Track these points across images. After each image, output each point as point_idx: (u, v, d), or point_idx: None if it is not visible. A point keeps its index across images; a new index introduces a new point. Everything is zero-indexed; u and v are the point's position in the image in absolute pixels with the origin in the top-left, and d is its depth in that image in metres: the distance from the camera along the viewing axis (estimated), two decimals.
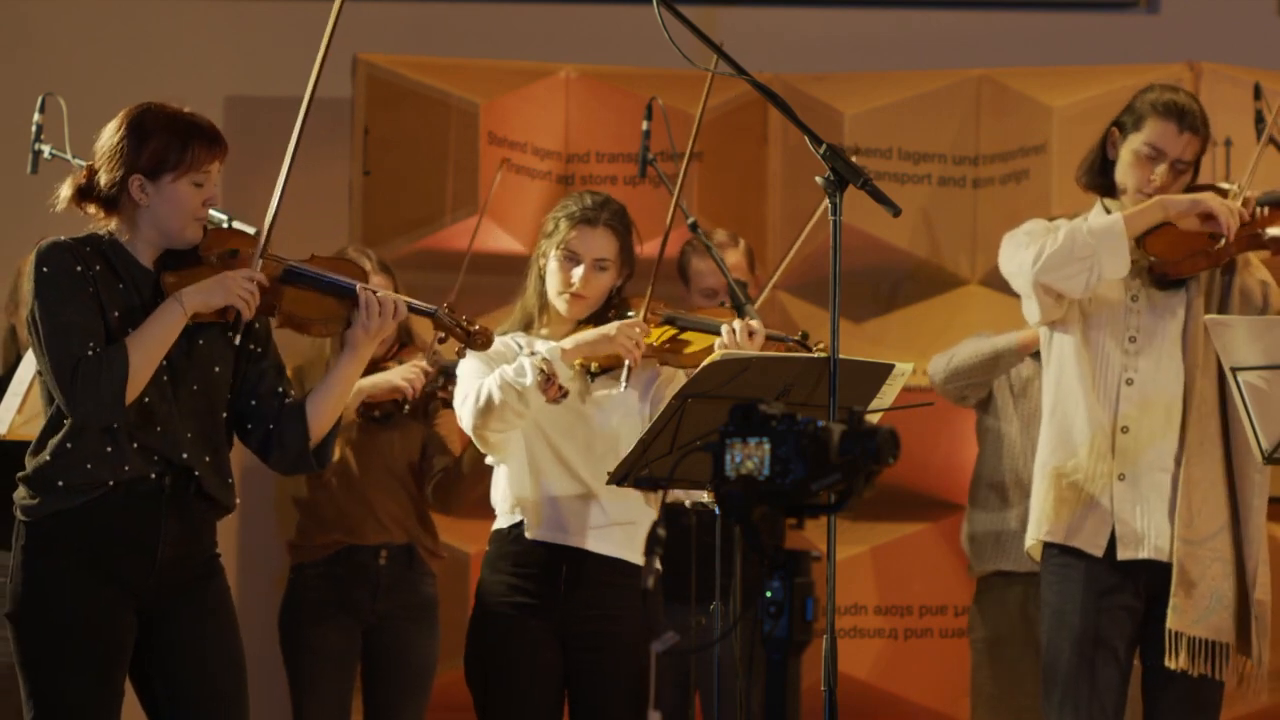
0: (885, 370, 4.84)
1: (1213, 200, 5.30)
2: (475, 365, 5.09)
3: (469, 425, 5.07)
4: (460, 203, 7.12)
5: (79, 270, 4.50)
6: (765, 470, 3.47)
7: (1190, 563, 5.28)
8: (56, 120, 5.92)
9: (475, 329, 4.82)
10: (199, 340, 4.64)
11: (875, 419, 4.83)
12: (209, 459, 4.62)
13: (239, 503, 4.77)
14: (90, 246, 4.57)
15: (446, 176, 7.14)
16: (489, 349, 4.89)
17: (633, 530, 5.04)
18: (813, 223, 6.32)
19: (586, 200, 5.18)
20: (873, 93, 7.28)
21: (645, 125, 6.21)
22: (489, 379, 4.99)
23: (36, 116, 6.07)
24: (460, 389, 5.11)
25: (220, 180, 4.66)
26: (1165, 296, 5.41)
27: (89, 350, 4.46)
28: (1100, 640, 5.32)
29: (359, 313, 4.67)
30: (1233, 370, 5.11)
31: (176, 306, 4.51)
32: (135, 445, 4.53)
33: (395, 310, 4.68)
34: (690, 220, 5.87)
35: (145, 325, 4.50)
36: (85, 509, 4.52)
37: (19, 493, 4.58)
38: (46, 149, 6.00)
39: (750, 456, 3.48)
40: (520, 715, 5.07)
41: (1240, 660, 5.34)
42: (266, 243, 4.66)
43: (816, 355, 4.84)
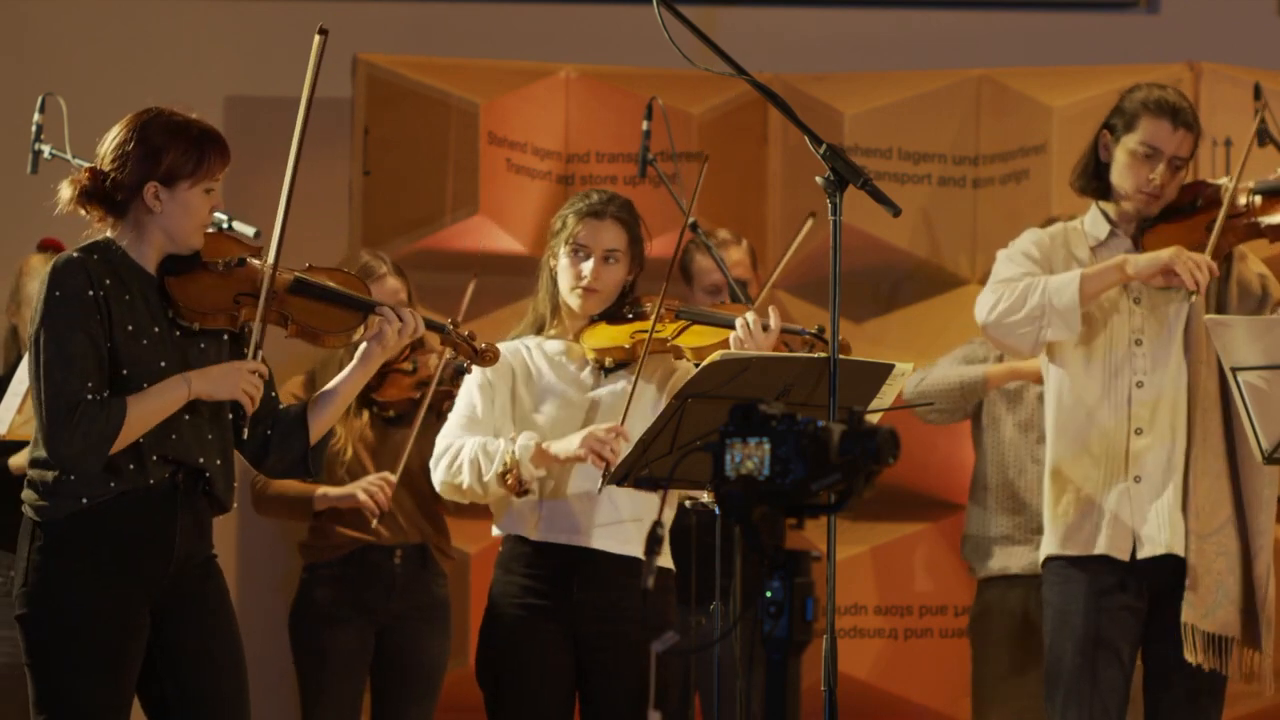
0: (885, 370, 4.84)
1: (1177, 258, 5.25)
2: (473, 388, 5.12)
3: (436, 485, 5.13)
4: (460, 203, 7.12)
5: (90, 295, 4.51)
6: (765, 470, 3.47)
7: (1198, 557, 5.29)
8: (56, 120, 5.92)
9: (482, 346, 4.86)
10: (201, 344, 4.65)
11: (875, 419, 4.83)
12: (220, 462, 4.64)
13: (237, 504, 4.78)
14: (99, 255, 4.58)
15: (446, 176, 7.14)
16: (495, 363, 4.92)
17: (644, 527, 5.03)
18: (800, 238, 6.35)
19: (593, 196, 5.22)
20: (873, 93, 7.28)
21: (645, 125, 6.22)
22: (465, 449, 5.02)
23: (36, 116, 6.07)
24: (449, 421, 5.14)
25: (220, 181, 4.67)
26: (1166, 295, 5.40)
27: (88, 394, 4.47)
28: (1103, 641, 5.32)
29: (379, 331, 4.69)
30: (1233, 370, 5.11)
31: (184, 387, 4.54)
32: (155, 458, 4.56)
33: (415, 329, 4.71)
34: (690, 220, 5.88)
35: (149, 394, 4.51)
36: (102, 509, 4.53)
37: (29, 495, 4.58)
38: (46, 149, 6.00)
39: (750, 456, 3.48)
40: (531, 716, 5.08)
41: (1248, 654, 5.33)
42: (274, 271, 4.65)
43: (816, 355, 4.84)
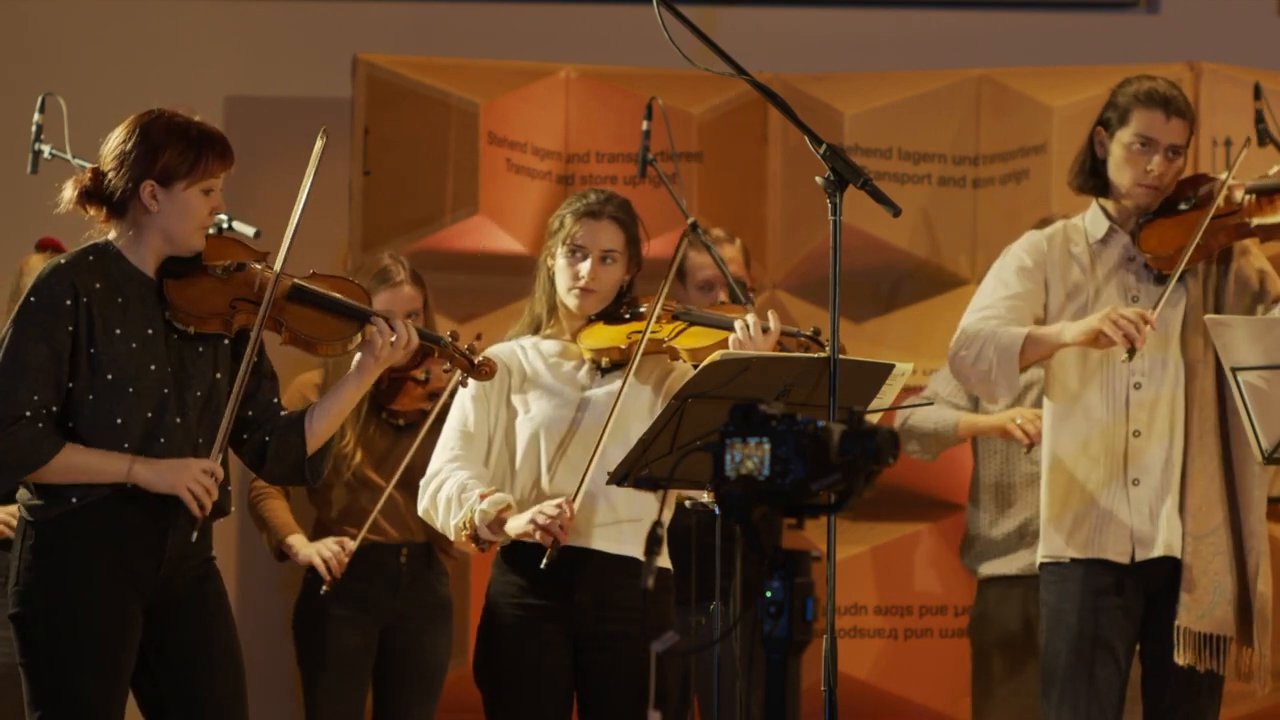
0: (885, 370, 4.83)
1: (1104, 321, 5.22)
2: (466, 399, 5.13)
3: (419, 507, 5.14)
4: (460, 203, 7.12)
5: (68, 304, 4.51)
6: (765, 470, 3.47)
7: (1195, 558, 5.28)
8: (56, 120, 5.92)
9: (479, 359, 4.84)
10: (199, 347, 4.65)
11: (875, 419, 4.83)
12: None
13: (236, 506, 4.78)
14: (95, 257, 4.58)
15: (446, 176, 7.14)
16: (493, 377, 4.92)
17: (642, 528, 5.03)
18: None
19: (590, 196, 5.21)
20: (873, 93, 7.27)
21: (645, 125, 6.22)
22: (446, 486, 5.04)
23: (36, 116, 6.07)
24: (444, 434, 5.16)
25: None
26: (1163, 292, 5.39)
27: (29, 410, 4.47)
28: (1098, 640, 5.32)
29: (372, 340, 4.67)
30: (1233, 370, 5.11)
31: (124, 469, 4.51)
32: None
33: (408, 341, 4.69)
34: (690, 220, 5.88)
35: (92, 454, 4.51)
36: (94, 508, 4.53)
37: (22, 494, 4.59)
38: (46, 149, 6.00)
39: (750, 456, 3.48)
40: (530, 717, 5.08)
41: (1245, 653, 5.33)
42: (277, 278, 4.64)
43: (816, 355, 4.84)
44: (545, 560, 4.94)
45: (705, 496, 5.11)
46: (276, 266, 4.66)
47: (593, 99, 7.24)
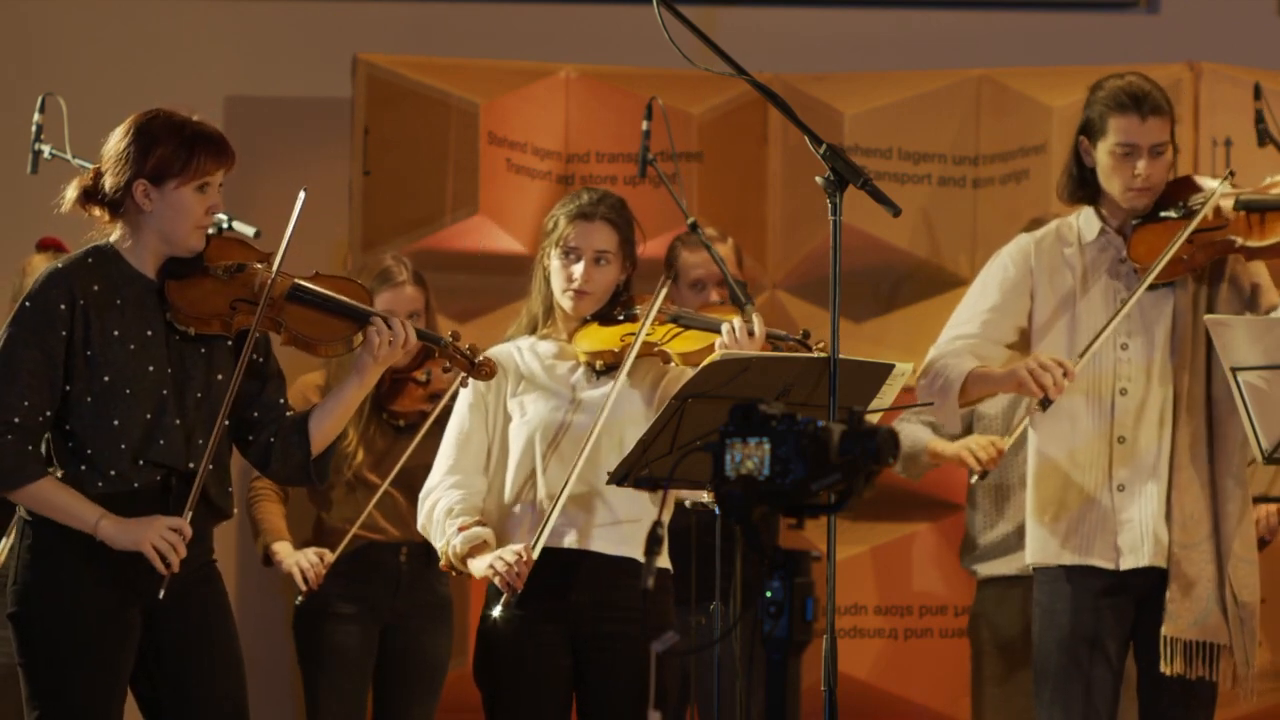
0: (885, 370, 4.84)
1: (1023, 369, 5.22)
2: (464, 408, 5.15)
3: (418, 521, 5.17)
4: (460, 203, 7.12)
5: (63, 309, 4.51)
6: (765, 470, 3.47)
7: (1186, 566, 5.26)
8: (56, 120, 5.92)
9: (479, 359, 4.84)
10: (201, 349, 4.64)
11: (875, 419, 4.83)
12: (213, 467, 4.63)
13: (237, 507, 4.78)
14: (94, 260, 4.58)
15: (446, 176, 7.14)
16: (493, 378, 4.93)
17: (640, 528, 5.04)
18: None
19: (583, 196, 5.21)
20: (873, 93, 7.27)
21: (645, 125, 6.21)
22: (438, 506, 5.07)
23: (36, 116, 6.07)
24: (444, 441, 5.17)
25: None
26: (1154, 298, 5.37)
27: (18, 416, 4.46)
28: (1090, 640, 5.31)
29: (370, 339, 4.66)
30: (1233, 370, 5.10)
31: (90, 522, 4.49)
32: (140, 462, 4.55)
33: (405, 340, 4.68)
34: (690, 220, 5.88)
35: (68, 495, 4.50)
36: None
37: None
38: (46, 149, 6.00)
39: (750, 456, 3.48)
40: (529, 718, 5.08)
41: (1237, 660, 5.32)
42: (276, 277, 4.64)
43: (816, 355, 4.84)
44: (498, 608, 5.00)
45: (705, 496, 5.11)
46: (274, 267, 4.66)
47: (593, 99, 7.24)
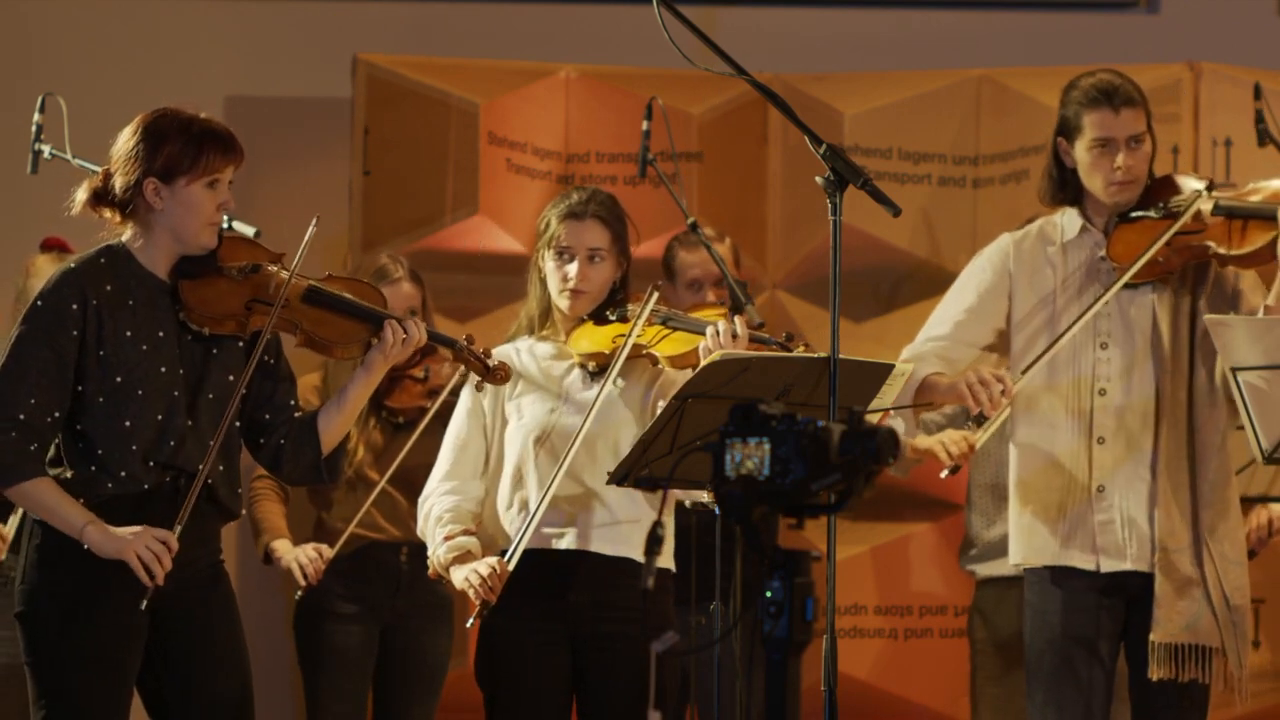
0: (885, 370, 4.84)
1: (962, 384, 5.22)
2: (463, 413, 5.16)
3: (418, 529, 5.19)
4: (460, 203, 7.12)
5: (75, 309, 4.52)
6: (765, 470, 3.47)
7: (1172, 571, 5.24)
8: (56, 120, 5.92)
9: (494, 363, 4.87)
10: (213, 349, 4.65)
11: (875, 419, 4.83)
12: (223, 468, 4.64)
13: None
14: (106, 260, 4.59)
15: (446, 176, 7.14)
16: (506, 382, 4.95)
17: (639, 528, 5.04)
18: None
19: (573, 196, 5.22)
20: (873, 93, 7.28)
21: (645, 125, 6.22)
22: (432, 512, 5.10)
23: (36, 116, 6.07)
24: (444, 445, 5.18)
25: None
26: (1134, 299, 5.36)
27: (24, 413, 4.47)
28: (1081, 640, 5.30)
29: (382, 340, 4.69)
30: (1233, 370, 5.10)
31: (78, 528, 4.49)
32: (151, 464, 4.56)
33: (419, 342, 4.72)
34: (690, 220, 5.88)
35: (63, 499, 4.50)
36: (101, 508, 4.53)
37: None
38: (46, 149, 6.00)
39: (750, 456, 3.48)
40: (529, 718, 5.08)
41: (1225, 664, 5.30)
42: (288, 284, 4.65)
43: (816, 355, 4.84)
44: (470, 621, 5.02)
45: (705, 496, 5.11)
46: (291, 269, 4.67)
47: (593, 99, 7.24)
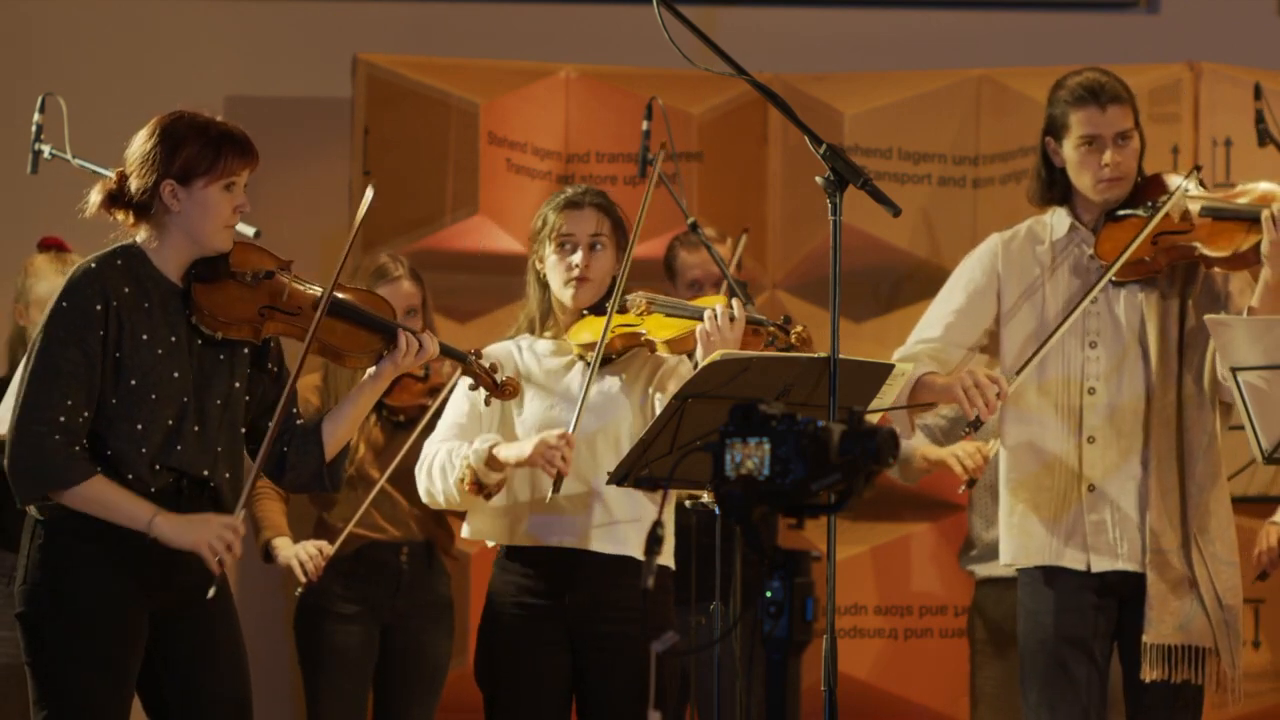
0: (885, 370, 4.84)
1: (957, 387, 5.18)
2: (461, 397, 5.15)
3: (420, 490, 5.14)
4: (460, 203, 7.12)
5: (98, 309, 4.51)
6: (765, 470, 3.47)
7: (1165, 571, 5.23)
8: (56, 120, 5.92)
9: (502, 379, 4.90)
10: (221, 355, 4.65)
11: (875, 419, 4.83)
12: (228, 474, 4.66)
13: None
14: (122, 261, 4.58)
15: (446, 176, 7.14)
16: (516, 396, 4.98)
17: (640, 528, 5.04)
18: (739, 249, 6.32)
19: (566, 190, 5.25)
20: (873, 93, 7.28)
21: (645, 125, 6.22)
22: (436, 458, 5.06)
23: (36, 116, 6.06)
24: (438, 428, 5.17)
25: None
26: (1124, 298, 5.35)
27: (63, 415, 4.45)
28: (1074, 639, 5.30)
29: (394, 351, 4.72)
30: (1233, 370, 5.10)
31: (144, 520, 4.49)
32: (157, 467, 4.56)
33: (431, 354, 4.75)
34: (690, 220, 5.88)
35: (121, 494, 4.50)
36: None
37: None
38: (46, 149, 6.00)
39: (750, 456, 3.48)
40: (528, 717, 5.08)
41: (1219, 664, 5.29)
42: (329, 296, 4.65)
43: (816, 355, 4.84)
44: (551, 493, 4.95)
45: (705, 496, 5.11)
46: (327, 289, 4.66)
47: (593, 99, 7.24)
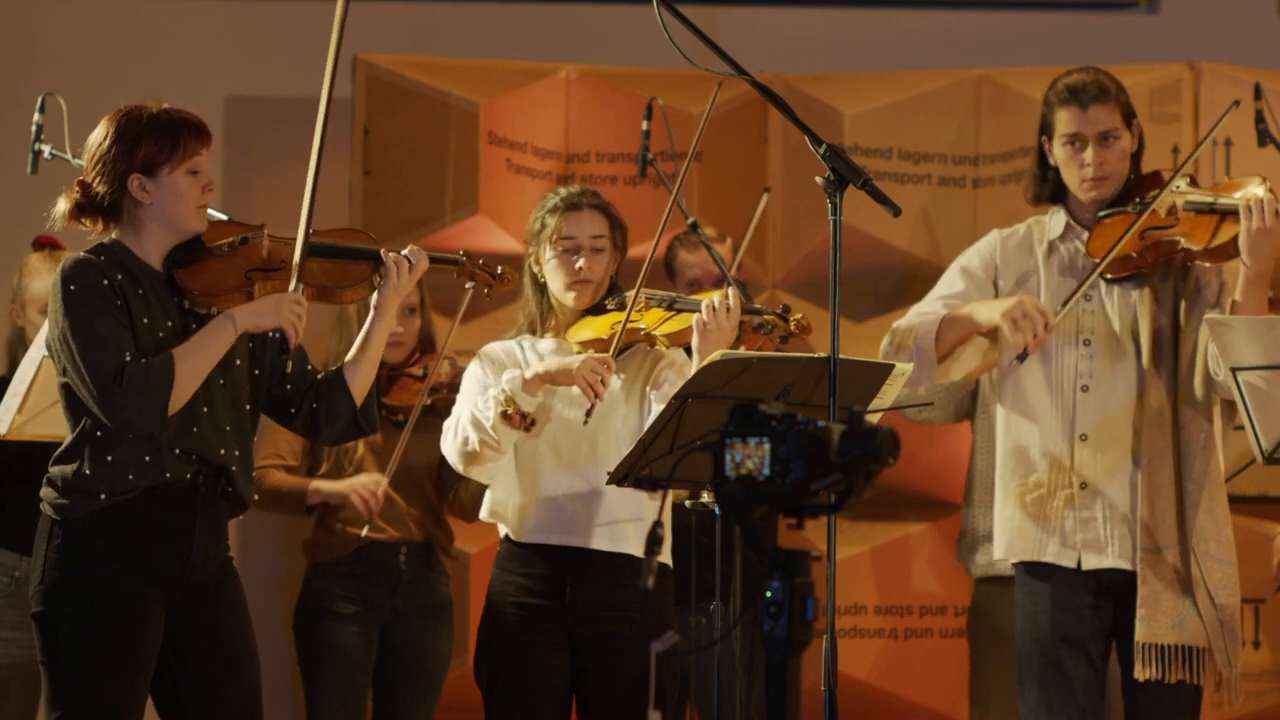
0: (885, 370, 4.84)
1: (1007, 318, 5.21)
2: (476, 373, 5.12)
3: (453, 462, 5.10)
4: (460, 203, 7.12)
5: (106, 284, 4.54)
6: (765, 470, 3.47)
7: (1158, 570, 5.24)
8: (56, 120, 5.92)
9: (500, 270, 4.96)
10: None
11: (875, 419, 4.83)
12: (239, 453, 4.66)
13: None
14: (106, 256, 4.60)
15: (446, 176, 7.14)
16: (513, 286, 5.03)
17: (642, 526, 5.04)
18: (759, 211, 6.31)
19: (562, 192, 5.24)
20: (873, 93, 7.28)
21: (645, 125, 6.22)
22: (464, 415, 5.03)
23: (36, 116, 6.07)
24: (456, 406, 5.14)
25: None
26: (1116, 293, 5.36)
27: (128, 357, 4.48)
28: (1070, 639, 5.30)
29: (386, 274, 4.75)
30: (1233, 370, 5.10)
31: (229, 325, 4.57)
32: (176, 451, 4.57)
33: (423, 265, 4.80)
34: (690, 220, 5.88)
35: (196, 339, 4.56)
36: (121, 508, 4.55)
37: (48, 493, 4.60)
38: (46, 149, 6.00)
39: (750, 456, 3.48)
40: (528, 717, 5.08)
41: (1215, 664, 5.29)
42: (303, 253, 4.67)
43: (816, 355, 4.84)
44: (586, 417, 4.96)
45: (705, 496, 5.11)
46: (298, 246, 4.69)
47: (593, 99, 7.24)
